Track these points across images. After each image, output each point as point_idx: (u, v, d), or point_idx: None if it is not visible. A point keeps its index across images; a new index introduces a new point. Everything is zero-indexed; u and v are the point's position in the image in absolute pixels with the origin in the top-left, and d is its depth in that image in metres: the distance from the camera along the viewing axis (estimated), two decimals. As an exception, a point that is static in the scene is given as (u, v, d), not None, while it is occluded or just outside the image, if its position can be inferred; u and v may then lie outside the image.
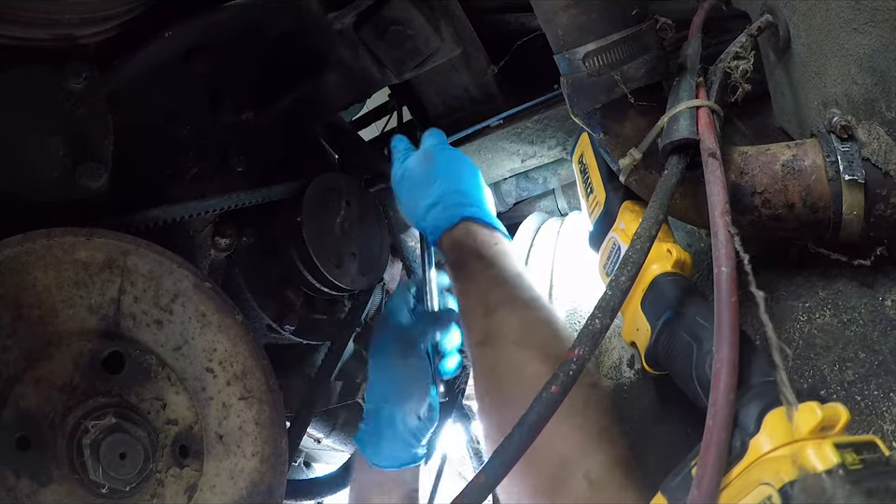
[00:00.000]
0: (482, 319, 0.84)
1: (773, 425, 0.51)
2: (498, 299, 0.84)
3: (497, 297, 0.84)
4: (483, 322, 0.84)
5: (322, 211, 1.05)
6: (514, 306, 0.83)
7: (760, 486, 0.47)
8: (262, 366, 0.81)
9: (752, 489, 0.48)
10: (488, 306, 0.84)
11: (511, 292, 0.85)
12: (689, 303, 0.69)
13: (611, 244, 0.81)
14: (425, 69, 1.05)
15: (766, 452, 0.50)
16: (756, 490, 0.47)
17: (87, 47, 0.74)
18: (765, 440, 0.50)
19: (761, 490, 0.47)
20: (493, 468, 0.55)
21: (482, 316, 0.84)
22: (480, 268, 0.88)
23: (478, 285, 0.87)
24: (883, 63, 0.62)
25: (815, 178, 0.66)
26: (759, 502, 0.47)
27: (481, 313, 0.84)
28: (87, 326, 0.69)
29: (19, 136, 0.72)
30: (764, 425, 0.51)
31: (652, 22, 0.70)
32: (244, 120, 1.03)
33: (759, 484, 0.48)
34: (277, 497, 0.78)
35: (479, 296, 0.86)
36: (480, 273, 0.87)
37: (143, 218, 0.84)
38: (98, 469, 0.64)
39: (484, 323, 0.83)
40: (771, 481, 0.47)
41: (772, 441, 0.50)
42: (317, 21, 0.99)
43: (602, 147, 0.78)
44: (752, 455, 0.50)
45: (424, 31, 0.99)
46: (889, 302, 0.69)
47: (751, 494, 0.48)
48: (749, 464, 0.50)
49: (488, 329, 0.83)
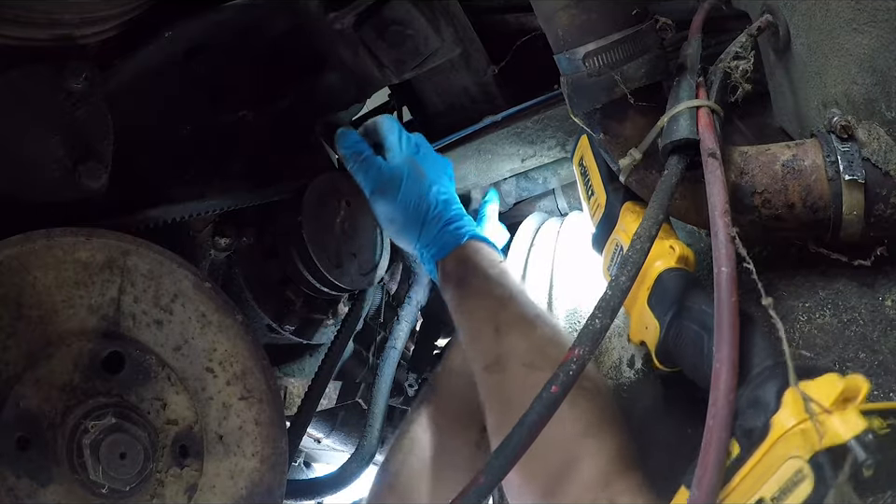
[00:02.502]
0: (492, 341, 0.81)
1: (794, 400, 0.50)
2: (509, 319, 0.82)
3: (507, 317, 0.82)
4: (494, 344, 0.81)
5: (322, 211, 1.05)
6: (524, 326, 0.81)
7: (788, 461, 0.47)
8: (262, 366, 0.81)
9: (781, 464, 0.47)
10: (499, 327, 0.81)
11: (521, 311, 0.82)
12: (695, 296, 0.69)
13: (614, 245, 0.81)
14: (425, 69, 1.05)
15: (790, 427, 0.49)
16: (785, 465, 0.47)
17: (87, 47, 0.74)
18: (787, 415, 0.49)
19: (790, 465, 0.47)
20: (493, 469, 0.55)
21: (492, 338, 0.81)
22: (486, 287, 0.85)
23: (486, 305, 0.84)
24: (883, 63, 0.62)
25: (815, 178, 0.67)
26: (790, 476, 0.46)
27: (490, 334, 0.82)
28: (87, 326, 0.69)
29: (19, 136, 0.72)
30: (785, 401, 0.50)
31: (652, 22, 0.70)
32: (244, 120, 1.03)
33: (787, 459, 0.47)
34: (277, 497, 0.78)
35: (488, 316, 0.83)
36: (486, 292, 0.85)
37: (143, 218, 0.84)
38: (98, 469, 0.64)
39: (495, 345, 0.81)
40: (799, 453, 0.46)
41: (794, 415, 0.49)
42: (317, 20, 0.99)
43: (602, 148, 0.78)
44: (776, 432, 0.49)
45: (424, 31, 0.99)
46: (889, 302, 0.69)
47: (781, 469, 0.47)
48: (773, 441, 0.49)
49: (500, 351, 0.80)
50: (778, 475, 0.47)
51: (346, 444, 1.35)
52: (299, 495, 1.10)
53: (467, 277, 0.88)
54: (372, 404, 1.14)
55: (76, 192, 0.75)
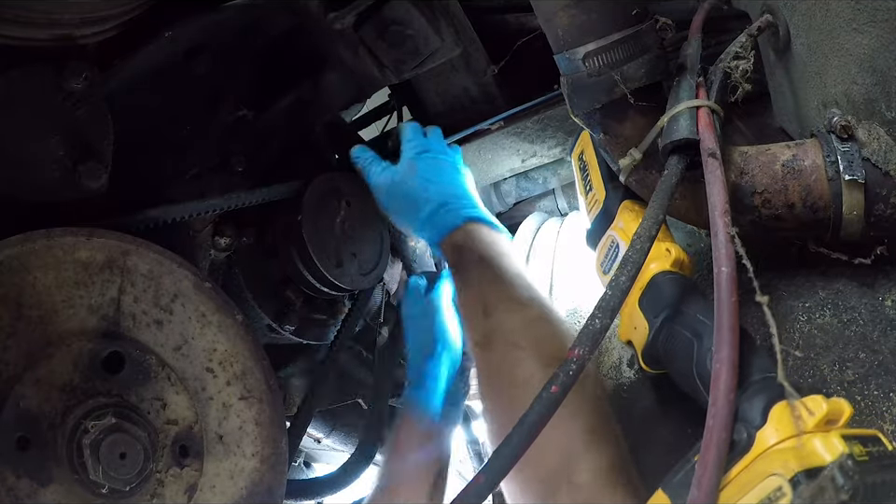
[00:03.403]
0: (481, 320, 0.84)
1: (779, 417, 0.51)
2: (497, 299, 0.84)
3: (496, 297, 0.84)
4: (483, 323, 0.84)
5: (322, 211, 1.05)
6: (512, 306, 0.83)
7: (768, 478, 0.47)
8: (262, 366, 0.81)
9: (760, 480, 0.48)
10: (487, 307, 0.84)
11: (510, 292, 0.85)
12: (688, 301, 0.69)
13: (609, 241, 0.81)
14: (425, 69, 1.05)
15: (773, 444, 0.50)
16: (765, 482, 0.47)
17: (87, 47, 0.74)
18: (772, 432, 0.50)
19: (770, 482, 0.47)
20: (492, 468, 0.55)
21: (481, 317, 0.84)
22: (480, 269, 0.88)
23: (477, 286, 0.87)
24: (883, 63, 0.62)
25: (815, 178, 0.67)
26: (769, 493, 0.47)
27: (480, 314, 0.84)
28: (87, 326, 0.69)
29: (19, 136, 0.72)
30: (770, 417, 0.51)
31: (652, 22, 0.70)
32: (244, 120, 1.03)
33: (767, 476, 0.48)
34: (277, 497, 0.78)
35: (478, 297, 0.86)
36: (480, 274, 0.87)
37: (143, 218, 0.84)
38: (98, 469, 0.64)
39: (483, 324, 0.83)
40: (780, 471, 0.47)
41: (778, 433, 0.50)
42: (317, 20, 0.99)
43: (602, 147, 0.78)
44: (759, 447, 0.50)
45: (424, 31, 0.99)
46: (889, 302, 0.69)
47: (760, 485, 0.48)
48: (755, 456, 0.50)
49: (487, 330, 0.83)
50: (758, 490, 0.48)
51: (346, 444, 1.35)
52: (299, 495, 1.10)
53: (462, 259, 0.90)
54: (372, 404, 1.14)
55: (76, 192, 0.75)
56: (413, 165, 1.01)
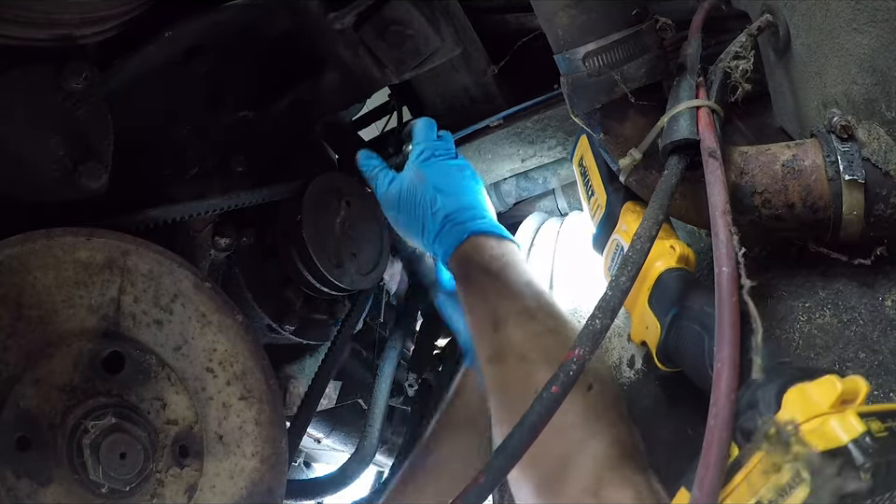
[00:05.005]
0: (490, 335, 0.83)
1: (793, 401, 0.50)
2: (506, 313, 0.83)
3: (504, 312, 0.83)
4: (492, 338, 0.82)
5: (322, 211, 1.05)
6: (521, 319, 0.82)
7: (788, 462, 0.47)
8: (262, 366, 0.81)
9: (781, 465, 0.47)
10: (496, 322, 0.82)
11: (518, 305, 0.83)
12: (696, 296, 0.69)
13: (615, 245, 0.81)
14: (425, 69, 1.05)
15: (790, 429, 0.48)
16: (784, 466, 0.47)
17: (87, 47, 0.74)
18: (788, 416, 0.49)
19: (788, 467, 0.47)
20: (493, 468, 0.55)
21: (490, 332, 0.83)
22: (487, 283, 0.86)
23: (485, 300, 0.85)
24: (883, 63, 0.62)
25: (815, 178, 0.67)
26: (789, 478, 0.46)
27: (489, 329, 0.83)
28: (87, 326, 0.69)
29: (19, 136, 0.72)
30: (785, 402, 0.51)
31: (652, 22, 0.70)
32: (243, 120, 1.03)
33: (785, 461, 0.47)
34: (277, 497, 0.78)
35: (486, 312, 0.84)
36: (486, 288, 0.86)
37: (143, 218, 0.84)
38: (98, 469, 0.64)
39: (493, 339, 0.82)
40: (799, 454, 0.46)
41: (794, 417, 0.49)
42: (317, 20, 0.99)
43: (602, 148, 0.78)
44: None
45: (424, 31, 0.99)
46: (889, 302, 0.69)
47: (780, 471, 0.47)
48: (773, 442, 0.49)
49: (497, 345, 0.81)
50: (776, 478, 0.47)
51: (346, 444, 1.36)
52: (299, 495, 1.10)
53: (469, 275, 0.89)
54: (372, 404, 1.14)
55: (76, 192, 0.75)
56: (421, 173, 0.98)
